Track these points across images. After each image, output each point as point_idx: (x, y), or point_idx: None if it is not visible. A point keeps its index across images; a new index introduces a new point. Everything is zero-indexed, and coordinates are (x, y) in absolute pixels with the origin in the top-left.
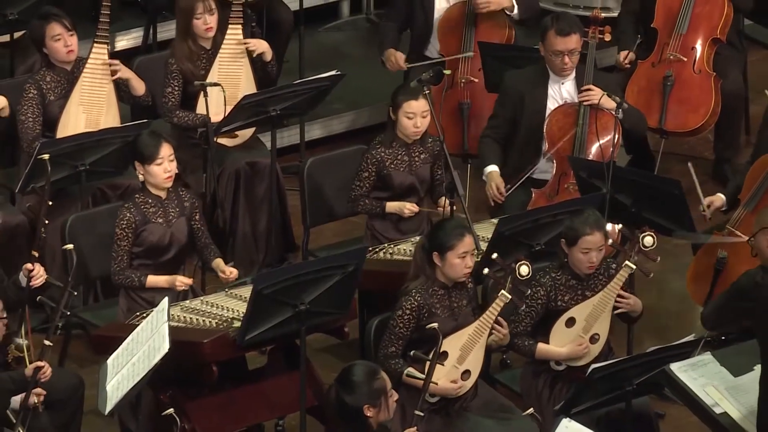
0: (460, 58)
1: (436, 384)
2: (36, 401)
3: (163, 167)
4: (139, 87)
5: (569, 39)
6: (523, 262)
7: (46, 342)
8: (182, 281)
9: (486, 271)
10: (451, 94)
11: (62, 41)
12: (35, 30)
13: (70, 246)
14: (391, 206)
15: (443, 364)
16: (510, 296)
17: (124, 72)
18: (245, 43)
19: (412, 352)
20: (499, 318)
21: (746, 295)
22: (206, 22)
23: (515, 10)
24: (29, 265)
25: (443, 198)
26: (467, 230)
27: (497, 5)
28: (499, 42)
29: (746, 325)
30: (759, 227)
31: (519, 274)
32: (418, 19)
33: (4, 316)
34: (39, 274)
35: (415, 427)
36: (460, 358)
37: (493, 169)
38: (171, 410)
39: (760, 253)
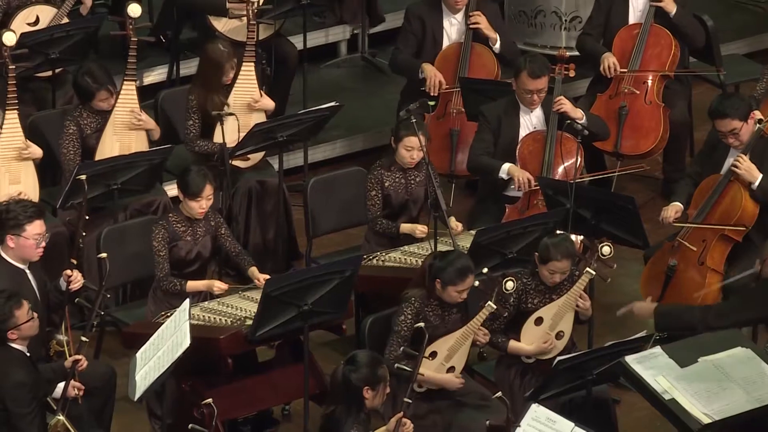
0: (453, 91)
1: (423, 375)
2: (76, 393)
3: (200, 204)
4: (156, 134)
5: (539, 81)
6: (509, 278)
7: (83, 338)
8: (219, 287)
9: (477, 283)
10: (443, 122)
11: (106, 102)
12: (87, 88)
13: (104, 255)
14: (405, 228)
15: (431, 360)
16: (495, 307)
17: (147, 123)
18: (256, 103)
19: (402, 348)
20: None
21: None
22: (228, 75)
23: (497, 43)
24: (68, 272)
25: (452, 218)
26: (471, 270)
27: (485, 29)
28: (488, 78)
29: None
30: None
31: (505, 288)
32: (428, 54)
33: (34, 316)
34: (77, 279)
35: (402, 412)
36: (447, 357)
37: (508, 165)
38: (210, 400)
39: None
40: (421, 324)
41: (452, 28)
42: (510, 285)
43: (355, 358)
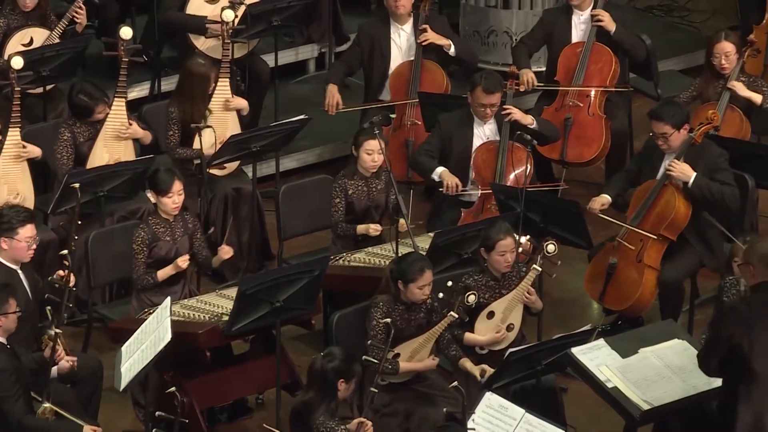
0: (407, 104)
1: (388, 367)
2: (72, 365)
3: (173, 200)
4: (146, 139)
5: (493, 96)
6: (471, 292)
7: (58, 330)
8: (182, 260)
9: (441, 295)
10: (399, 133)
11: (103, 113)
12: (84, 106)
13: (65, 251)
14: (360, 228)
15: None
16: (457, 316)
17: (135, 133)
18: (229, 101)
19: (368, 341)
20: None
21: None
22: (212, 85)
23: (452, 48)
24: (61, 272)
25: (402, 220)
26: (428, 266)
27: (435, 39)
28: (438, 92)
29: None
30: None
31: (467, 300)
32: (376, 70)
33: (18, 310)
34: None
35: (364, 416)
36: (409, 358)
37: (442, 169)
38: (173, 388)
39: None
40: (388, 320)
41: (401, 38)
42: (472, 298)
43: (333, 353)
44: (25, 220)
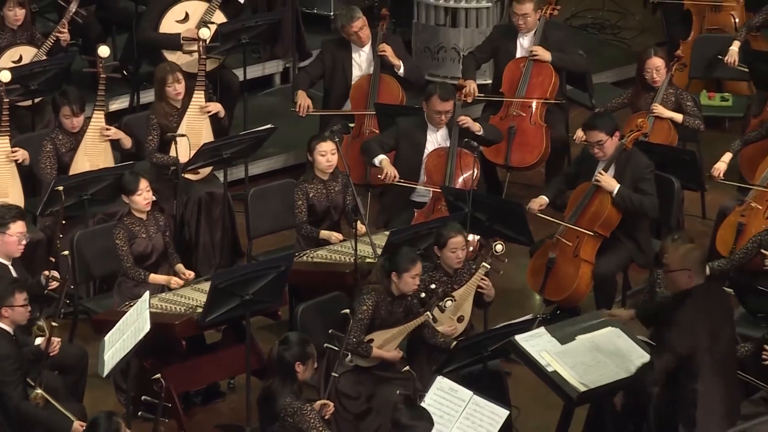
0: (366, 114)
1: (348, 354)
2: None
3: (143, 197)
4: (127, 143)
5: (447, 103)
6: (449, 298)
7: (54, 323)
8: (177, 282)
9: (423, 295)
10: (359, 141)
11: (69, 121)
12: (56, 103)
13: (65, 252)
14: (323, 234)
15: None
16: (431, 316)
17: (116, 135)
18: (206, 107)
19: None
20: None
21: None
22: (176, 89)
23: (401, 69)
24: (47, 272)
25: (357, 221)
26: (418, 257)
27: (390, 56)
28: (394, 103)
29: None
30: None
31: (444, 305)
32: (337, 86)
33: (28, 305)
34: (55, 280)
35: (326, 398)
36: (380, 347)
37: (383, 157)
38: (158, 375)
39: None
40: (347, 311)
41: (361, 59)
42: (449, 304)
43: (288, 339)
44: (16, 216)
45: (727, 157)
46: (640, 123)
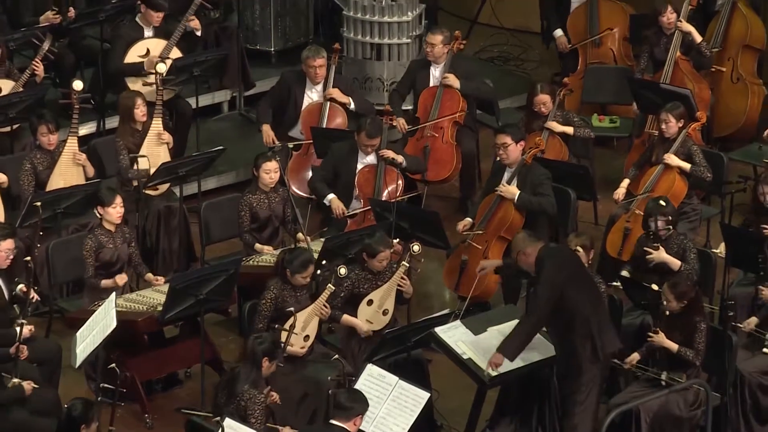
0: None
1: (292, 345)
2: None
3: (116, 210)
4: (89, 172)
5: (374, 139)
6: (342, 265)
7: (23, 321)
8: (120, 279)
9: (318, 272)
10: (306, 158)
11: (46, 138)
12: (33, 123)
13: (28, 258)
14: (257, 247)
15: (296, 334)
16: (334, 288)
17: (84, 162)
18: (162, 134)
19: (276, 326)
20: (325, 303)
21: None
22: (142, 111)
23: (352, 105)
24: (23, 287)
25: (299, 233)
26: (311, 262)
27: (338, 98)
28: (340, 127)
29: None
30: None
31: (339, 273)
32: (290, 113)
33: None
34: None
35: (270, 386)
36: (303, 327)
37: (332, 196)
38: (113, 365)
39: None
40: (291, 309)
41: (312, 95)
42: (343, 271)
43: (263, 336)
44: (6, 235)
45: (626, 183)
46: (537, 141)
